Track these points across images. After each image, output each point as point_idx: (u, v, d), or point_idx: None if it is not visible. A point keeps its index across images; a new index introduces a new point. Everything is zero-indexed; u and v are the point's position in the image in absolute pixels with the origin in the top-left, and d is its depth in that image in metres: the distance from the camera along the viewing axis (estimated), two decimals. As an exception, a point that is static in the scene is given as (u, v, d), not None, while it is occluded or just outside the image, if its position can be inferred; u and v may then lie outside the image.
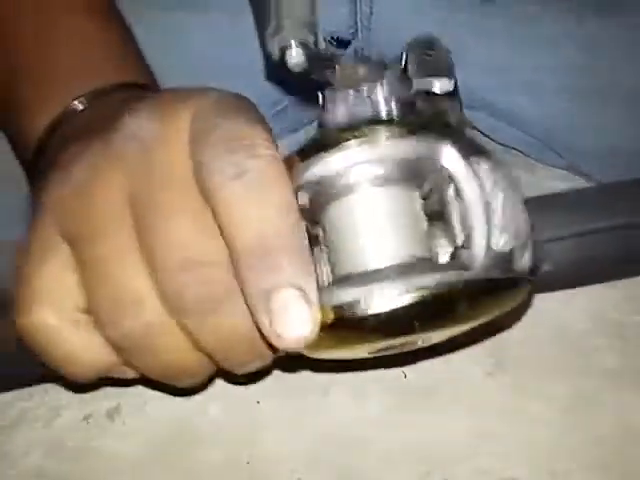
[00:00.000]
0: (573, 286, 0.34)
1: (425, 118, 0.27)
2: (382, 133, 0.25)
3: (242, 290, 0.25)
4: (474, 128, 0.52)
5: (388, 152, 0.25)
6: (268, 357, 0.29)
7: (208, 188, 0.25)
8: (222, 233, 0.25)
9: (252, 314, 0.25)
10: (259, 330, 0.25)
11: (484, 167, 0.26)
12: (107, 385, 0.33)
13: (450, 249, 0.27)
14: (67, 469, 0.35)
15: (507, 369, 0.37)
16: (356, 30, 0.50)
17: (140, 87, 0.35)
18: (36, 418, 0.36)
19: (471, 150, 0.26)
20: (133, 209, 0.26)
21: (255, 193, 0.24)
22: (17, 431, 0.36)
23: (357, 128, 0.25)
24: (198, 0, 0.49)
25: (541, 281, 0.29)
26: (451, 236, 0.27)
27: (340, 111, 0.27)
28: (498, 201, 0.25)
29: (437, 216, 0.27)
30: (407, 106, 0.27)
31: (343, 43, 0.50)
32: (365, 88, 0.27)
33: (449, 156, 0.25)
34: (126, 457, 0.35)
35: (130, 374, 0.30)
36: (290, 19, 0.25)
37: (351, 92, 0.27)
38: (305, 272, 0.25)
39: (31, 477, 0.34)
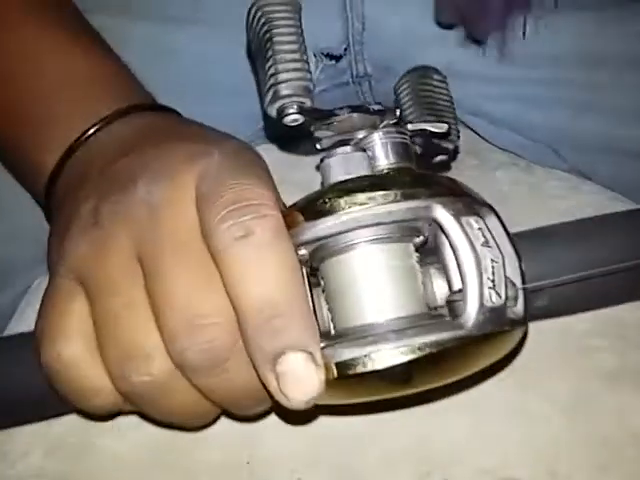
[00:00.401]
0: (567, 314, 0.34)
1: (419, 175, 0.29)
2: (378, 198, 0.27)
3: (248, 351, 0.26)
4: (477, 134, 0.52)
5: (385, 217, 0.27)
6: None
7: (215, 248, 0.26)
8: (228, 293, 0.26)
9: (258, 374, 0.26)
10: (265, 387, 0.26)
11: (474, 225, 0.27)
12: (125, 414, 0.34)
13: (445, 286, 0.28)
14: (67, 469, 0.35)
15: (507, 369, 0.37)
16: (348, 45, 0.50)
17: (141, 107, 0.35)
18: (36, 418, 0.36)
19: (463, 208, 0.27)
20: (143, 268, 0.27)
21: (261, 254, 0.25)
22: (17, 431, 0.36)
23: (355, 192, 0.27)
24: (186, 16, 0.49)
25: (535, 314, 0.30)
26: (446, 274, 0.28)
27: (337, 169, 0.28)
28: (488, 260, 0.27)
29: (432, 253, 0.29)
30: (402, 148, 0.29)
31: (335, 57, 0.50)
32: (360, 136, 0.29)
33: (441, 216, 0.27)
34: (126, 457, 0.35)
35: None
36: (287, 86, 0.27)
37: (349, 147, 0.29)
38: (310, 334, 0.26)
39: (31, 477, 0.34)
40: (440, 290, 0.29)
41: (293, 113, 0.27)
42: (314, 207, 0.27)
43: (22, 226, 0.44)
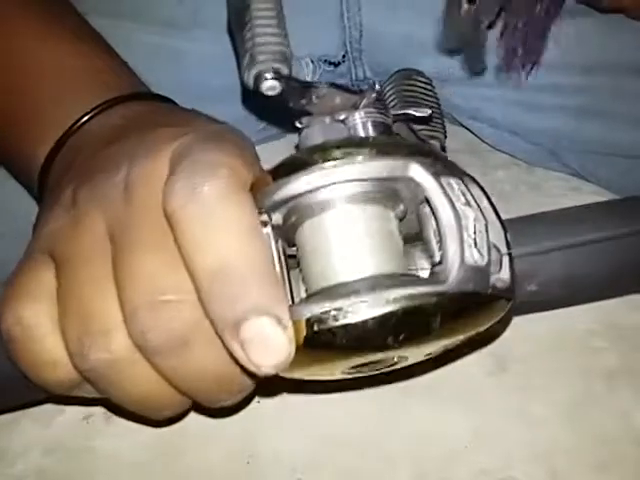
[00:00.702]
0: (559, 306, 0.33)
1: (397, 138, 0.28)
2: (353, 154, 0.25)
3: (210, 321, 0.25)
4: (477, 137, 0.52)
5: (358, 172, 0.25)
6: (243, 392, 0.28)
7: (167, 214, 0.25)
8: (183, 261, 0.24)
9: (225, 345, 0.24)
10: (235, 360, 0.24)
11: (455, 186, 0.26)
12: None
13: (429, 267, 0.26)
14: (66, 469, 0.35)
15: (507, 369, 0.37)
16: (346, 52, 0.50)
17: (132, 97, 0.35)
18: (36, 418, 0.36)
19: (443, 169, 0.26)
20: (112, 244, 0.26)
21: (211, 215, 0.24)
22: (17, 431, 0.36)
23: (329, 149, 0.25)
24: (188, 20, 0.49)
25: (526, 301, 0.29)
26: (430, 255, 0.26)
27: (316, 134, 0.27)
28: (470, 218, 0.25)
29: (416, 237, 0.27)
30: (383, 128, 0.28)
31: (333, 64, 0.50)
32: (342, 115, 0.28)
33: (419, 174, 0.25)
34: (125, 457, 0.35)
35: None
36: (264, 52, 0.26)
37: (327, 118, 0.27)
38: (272, 295, 0.24)
39: (30, 477, 0.34)
40: (424, 270, 0.27)
41: (270, 79, 0.26)
42: (286, 167, 0.25)
43: (23, 226, 0.44)
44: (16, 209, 0.43)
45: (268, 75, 0.26)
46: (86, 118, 0.33)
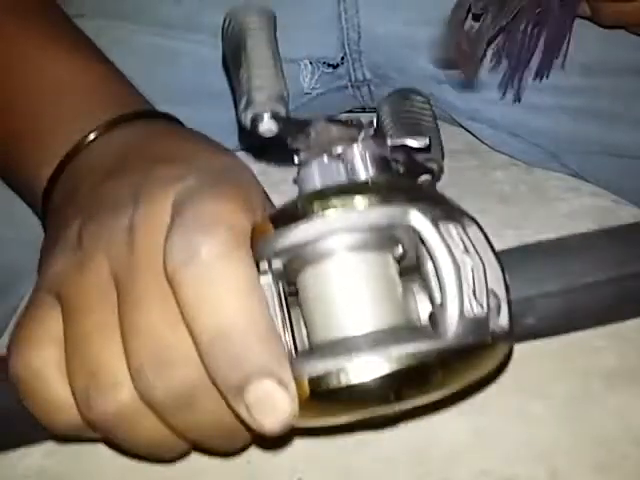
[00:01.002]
0: (556, 334, 0.33)
1: (396, 182, 0.28)
2: (353, 202, 0.25)
3: (213, 383, 0.25)
4: (476, 138, 0.52)
5: (357, 221, 0.25)
6: (247, 441, 0.29)
7: (167, 273, 0.25)
8: (184, 322, 0.24)
9: (229, 406, 0.25)
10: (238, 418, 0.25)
11: (453, 232, 0.26)
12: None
13: (428, 303, 0.27)
14: (67, 469, 0.35)
15: (507, 369, 0.37)
16: (345, 54, 0.50)
17: (138, 115, 0.34)
18: (36, 418, 0.36)
19: (441, 214, 0.26)
20: (117, 290, 0.26)
21: (209, 277, 0.24)
22: (17, 431, 0.36)
23: (329, 197, 0.25)
24: (186, 22, 0.48)
25: (523, 334, 0.29)
26: (429, 291, 0.26)
27: (314, 177, 0.27)
28: (468, 268, 0.25)
29: (414, 270, 0.27)
30: (382, 162, 0.28)
31: (332, 66, 0.50)
32: (339, 149, 0.28)
33: (419, 222, 0.25)
34: (125, 457, 0.35)
35: None
36: (260, 93, 0.26)
37: (325, 156, 0.28)
38: (273, 356, 0.24)
39: (31, 477, 0.34)
40: (423, 306, 0.27)
41: (267, 121, 0.26)
42: (286, 214, 0.26)
43: (27, 232, 0.44)
44: (22, 215, 0.43)
45: (265, 117, 0.26)
46: (89, 139, 0.33)
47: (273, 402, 0.24)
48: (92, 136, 0.33)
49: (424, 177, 0.31)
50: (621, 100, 0.46)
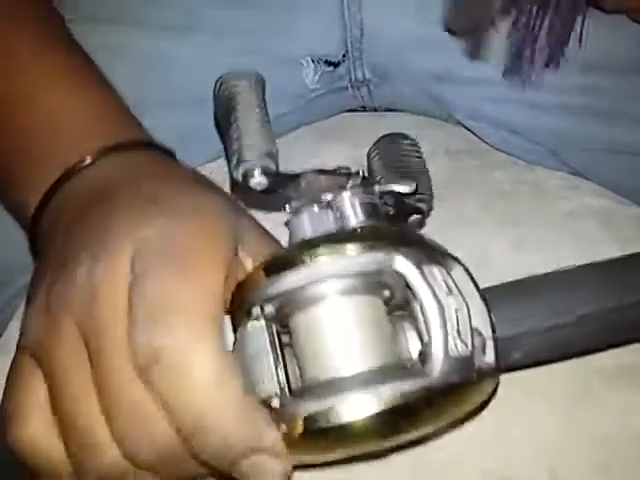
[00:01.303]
0: (543, 365, 0.34)
1: (383, 227, 0.29)
2: (340, 250, 0.27)
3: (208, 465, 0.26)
4: (477, 137, 0.52)
5: (345, 268, 0.27)
6: None
7: (136, 370, 0.25)
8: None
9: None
10: None
11: (437, 274, 0.27)
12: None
13: (418, 343, 0.28)
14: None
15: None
16: (346, 51, 0.50)
17: (132, 144, 0.34)
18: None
19: (425, 258, 0.27)
20: (88, 350, 0.27)
21: (174, 375, 0.25)
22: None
23: (317, 245, 0.27)
24: (184, 25, 0.48)
25: (509, 368, 0.30)
26: (417, 330, 0.28)
27: (304, 226, 0.29)
28: (452, 309, 0.27)
29: (402, 307, 0.29)
30: (371, 207, 0.29)
31: (333, 64, 0.50)
32: (329, 197, 0.29)
33: (404, 267, 0.27)
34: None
35: None
36: (250, 151, 0.28)
37: (315, 205, 0.29)
38: (256, 432, 0.25)
39: (31, 477, 0.34)
40: (413, 343, 0.28)
41: (258, 176, 0.28)
42: (277, 262, 0.27)
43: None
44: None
45: (256, 173, 0.28)
46: (76, 169, 0.33)
47: (265, 468, 0.26)
48: (83, 163, 0.33)
49: (414, 217, 0.32)
50: (622, 98, 0.46)
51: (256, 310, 0.27)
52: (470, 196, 0.47)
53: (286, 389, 0.27)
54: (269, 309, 0.27)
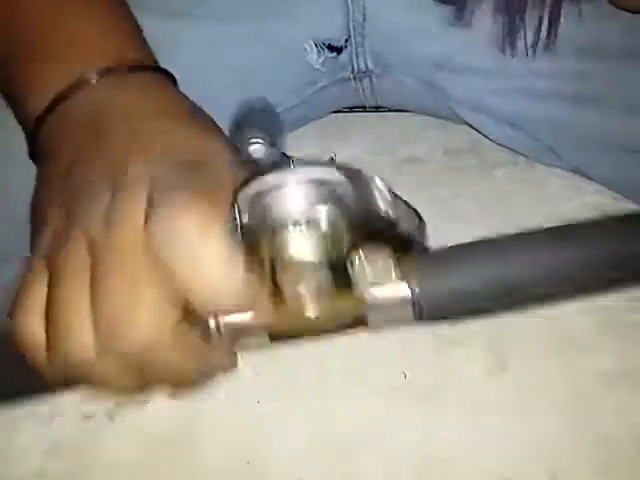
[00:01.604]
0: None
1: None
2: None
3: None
4: (478, 136, 0.52)
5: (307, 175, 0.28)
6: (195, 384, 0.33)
7: (154, 252, 0.29)
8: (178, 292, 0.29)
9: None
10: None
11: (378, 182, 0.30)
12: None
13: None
14: (67, 469, 0.35)
15: (507, 369, 0.37)
16: (349, 37, 0.50)
17: (141, 67, 0.36)
18: (36, 418, 0.37)
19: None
20: (92, 265, 0.30)
21: (192, 253, 0.28)
22: (17, 431, 0.36)
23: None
24: (189, 10, 0.49)
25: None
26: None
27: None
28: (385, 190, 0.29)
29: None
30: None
31: (336, 49, 0.50)
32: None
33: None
34: (126, 457, 0.35)
35: None
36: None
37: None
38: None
39: (31, 477, 0.35)
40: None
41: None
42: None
43: (22, 211, 0.45)
44: (15, 194, 0.44)
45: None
46: (74, 88, 0.34)
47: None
48: (78, 85, 0.35)
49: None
50: (615, 84, 0.46)
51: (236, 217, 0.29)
52: (470, 195, 0.47)
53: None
54: (244, 218, 0.30)
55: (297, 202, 0.30)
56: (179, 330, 0.31)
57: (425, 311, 0.32)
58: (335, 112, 0.56)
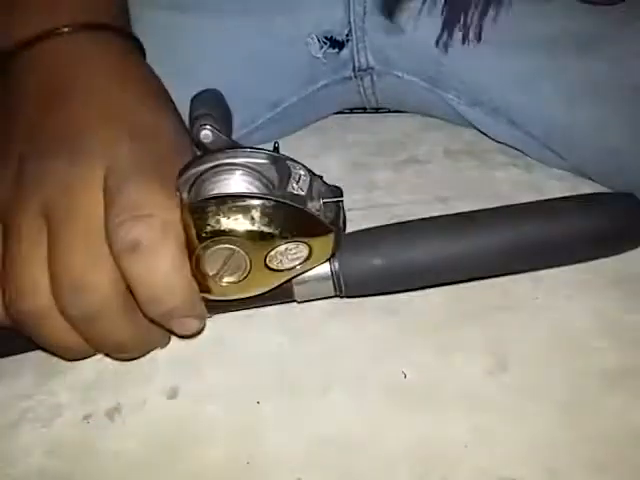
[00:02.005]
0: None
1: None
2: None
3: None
4: (477, 137, 0.52)
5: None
6: (140, 351, 0.38)
7: (113, 250, 0.32)
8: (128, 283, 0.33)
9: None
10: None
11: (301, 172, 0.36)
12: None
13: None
14: (67, 469, 0.35)
15: (507, 368, 0.37)
16: (350, 30, 0.50)
17: (110, 29, 0.38)
18: (36, 418, 0.37)
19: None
20: (48, 230, 0.33)
21: (148, 261, 0.32)
22: (17, 431, 0.36)
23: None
24: (192, 3, 0.49)
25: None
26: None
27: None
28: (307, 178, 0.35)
29: None
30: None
31: (338, 44, 0.51)
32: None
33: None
34: (126, 457, 0.35)
35: None
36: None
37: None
38: (193, 304, 0.34)
39: (31, 477, 0.34)
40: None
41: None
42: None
43: None
44: None
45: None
46: (57, 32, 0.37)
47: (189, 325, 0.35)
48: (65, 29, 0.37)
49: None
50: (619, 80, 0.46)
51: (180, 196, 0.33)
52: (469, 197, 0.47)
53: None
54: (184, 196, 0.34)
55: (228, 183, 0.34)
56: (129, 297, 0.33)
57: (344, 287, 0.37)
58: (335, 113, 0.56)
